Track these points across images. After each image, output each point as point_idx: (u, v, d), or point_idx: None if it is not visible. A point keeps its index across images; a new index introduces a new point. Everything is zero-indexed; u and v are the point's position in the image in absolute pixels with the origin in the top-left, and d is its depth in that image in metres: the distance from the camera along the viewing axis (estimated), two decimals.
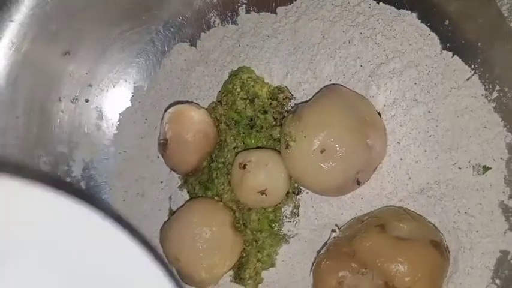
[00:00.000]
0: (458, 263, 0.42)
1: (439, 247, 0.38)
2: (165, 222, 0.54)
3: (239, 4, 0.57)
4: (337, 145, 0.42)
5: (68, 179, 0.58)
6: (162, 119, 0.53)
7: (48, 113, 0.57)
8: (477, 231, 0.41)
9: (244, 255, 0.49)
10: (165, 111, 0.54)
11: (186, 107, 0.52)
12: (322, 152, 0.42)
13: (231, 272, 0.50)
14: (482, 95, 0.43)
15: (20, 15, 0.54)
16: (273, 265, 0.48)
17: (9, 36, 0.54)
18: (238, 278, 0.49)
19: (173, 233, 0.49)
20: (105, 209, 0.57)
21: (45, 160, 0.57)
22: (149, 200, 0.57)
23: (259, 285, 0.49)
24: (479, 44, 0.44)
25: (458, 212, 0.42)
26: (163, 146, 0.51)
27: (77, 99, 0.59)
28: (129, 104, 0.60)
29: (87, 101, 0.59)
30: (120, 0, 0.57)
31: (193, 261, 0.47)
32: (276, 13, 0.55)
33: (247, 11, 0.57)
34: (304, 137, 0.43)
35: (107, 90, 0.60)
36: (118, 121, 0.60)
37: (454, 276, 0.42)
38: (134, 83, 0.61)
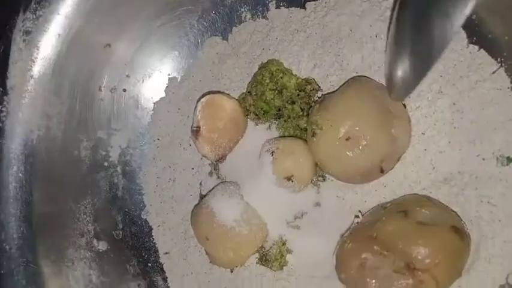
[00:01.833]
0: (480, 251, 0.42)
1: (460, 232, 0.39)
2: (195, 206, 0.57)
3: None
4: (362, 134, 0.44)
5: (106, 164, 0.62)
6: (195, 107, 0.56)
7: (89, 100, 0.60)
8: (499, 221, 0.42)
9: (268, 239, 0.52)
10: (198, 100, 0.57)
11: (218, 97, 0.54)
12: (347, 140, 0.44)
13: (257, 254, 0.52)
14: (508, 87, 0.44)
15: (66, 8, 0.58)
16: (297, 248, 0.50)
17: (56, 28, 0.58)
18: (263, 259, 0.51)
19: (203, 215, 0.52)
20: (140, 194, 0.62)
21: (86, 145, 0.60)
22: (180, 185, 0.60)
23: (284, 267, 0.51)
24: (505, 37, 0.44)
25: (481, 201, 0.43)
26: (196, 133, 0.54)
27: (115, 88, 0.62)
28: (163, 94, 0.64)
29: (124, 90, 0.63)
30: None
31: (221, 241, 0.50)
32: (305, 8, 0.57)
33: (278, 6, 0.59)
34: (331, 125, 0.45)
35: (143, 81, 0.64)
36: (153, 110, 0.63)
37: (476, 264, 0.42)
38: (168, 75, 0.64)
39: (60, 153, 0.59)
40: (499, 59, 0.45)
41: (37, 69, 0.58)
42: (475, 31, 0.46)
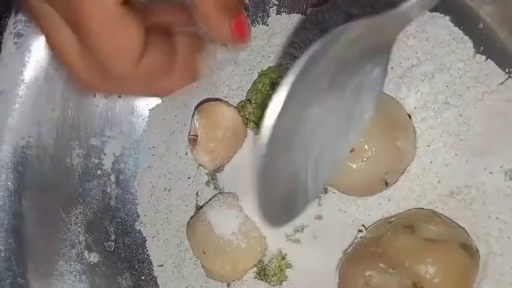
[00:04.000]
0: (488, 269, 0.41)
1: (469, 249, 0.38)
2: (191, 217, 0.55)
3: (270, 5, 0.58)
4: (366, 145, 0.43)
5: (99, 172, 0.60)
6: (193, 115, 0.54)
7: (82, 106, 0.58)
8: (508, 237, 0.41)
9: (267, 253, 0.50)
10: (196, 107, 0.55)
11: (217, 104, 0.53)
12: (351, 151, 0.43)
13: (255, 269, 0.50)
14: None
15: None
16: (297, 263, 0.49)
17: None
18: (262, 274, 0.49)
19: (199, 227, 0.50)
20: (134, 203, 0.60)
21: (78, 152, 0.58)
22: (176, 195, 0.58)
23: (283, 282, 0.49)
24: None
25: (489, 217, 0.42)
26: (193, 141, 0.52)
27: (110, 94, 0.60)
28: (160, 101, 0.62)
29: (119, 96, 0.61)
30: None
31: (218, 254, 0.48)
32: (306, 15, 0.55)
33: (278, 12, 0.57)
34: None
35: None
36: (148, 117, 0.61)
37: (484, 283, 0.41)
38: None
39: (51, 161, 0.57)
40: (507, 70, 0.44)
41: (28, 73, 0.56)
42: (482, 40, 0.45)
